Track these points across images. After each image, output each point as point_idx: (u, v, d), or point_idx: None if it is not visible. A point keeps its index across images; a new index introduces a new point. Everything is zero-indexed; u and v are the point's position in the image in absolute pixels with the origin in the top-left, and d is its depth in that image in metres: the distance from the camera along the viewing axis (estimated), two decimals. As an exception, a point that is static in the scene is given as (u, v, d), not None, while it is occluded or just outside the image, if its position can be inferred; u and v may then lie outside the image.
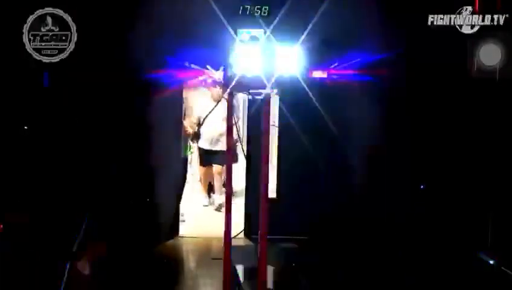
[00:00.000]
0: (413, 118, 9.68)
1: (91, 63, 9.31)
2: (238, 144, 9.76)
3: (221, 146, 10.37)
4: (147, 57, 9.36)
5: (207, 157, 10.68)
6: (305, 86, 9.05)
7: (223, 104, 10.05)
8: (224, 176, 10.37)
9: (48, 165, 9.17)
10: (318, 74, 9.47)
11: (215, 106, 10.44)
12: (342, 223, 9.69)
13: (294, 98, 9.56)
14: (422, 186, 9.56)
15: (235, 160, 10.22)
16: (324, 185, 9.88)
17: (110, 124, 9.43)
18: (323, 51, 9.43)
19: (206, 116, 10.51)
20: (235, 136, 7.15)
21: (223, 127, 8.72)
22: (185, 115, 10.50)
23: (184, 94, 10.40)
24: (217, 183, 10.75)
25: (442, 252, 9.02)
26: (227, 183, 7.06)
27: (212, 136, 10.53)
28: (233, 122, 6.97)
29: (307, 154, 9.80)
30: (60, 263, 7.52)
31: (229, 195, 6.89)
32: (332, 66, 9.39)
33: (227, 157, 6.96)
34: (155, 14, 9.52)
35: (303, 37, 7.38)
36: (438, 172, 9.61)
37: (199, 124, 10.56)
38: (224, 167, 10.37)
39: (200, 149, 10.75)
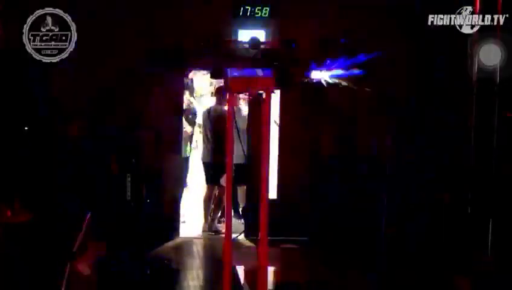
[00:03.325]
0: (414, 118, 9.68)
1: (91, 62, 9.33)
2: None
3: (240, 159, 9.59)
4: (148, 57, 9.37)
5: (214, 174, 9.99)
6: (306, 85, 9.04)
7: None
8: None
9: (48, 165, 9.16)
10: (318, 75, 9.45)
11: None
12: (343, 224, 9.70)
13: (295, 97, 9.57)
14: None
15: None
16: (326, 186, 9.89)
17: (109, 124, 9.43)
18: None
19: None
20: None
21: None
22: (185, 114, 10.50)
23: (185, 94, 10.41)
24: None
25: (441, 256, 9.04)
26: (227, 185, 7.01)
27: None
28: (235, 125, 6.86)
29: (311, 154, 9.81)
30: (60, 263, 7.51)
31: (230, 196, 6.87)
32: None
33: (227, 158, 6.90)
34: (154, 14, 9.53)
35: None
36: (437, 171, 9.62)
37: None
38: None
39: (205, 164, 10.27)
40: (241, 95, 9.73)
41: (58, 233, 8.10)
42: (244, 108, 10.04)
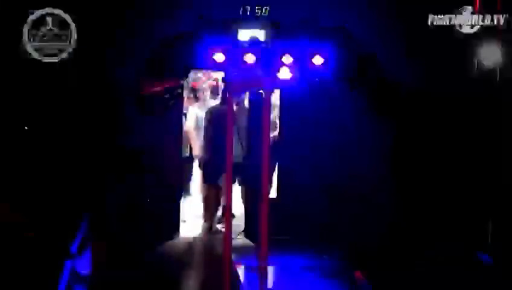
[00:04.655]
0: (415, 118, 9.68)
1: (91, 63, 9.33)
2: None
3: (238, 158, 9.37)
4: (147, 57, 9.38)
5: (213, 174, 9.99)
6: (306, 85, 9.06)
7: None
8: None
9: (48, 164, 9.17)
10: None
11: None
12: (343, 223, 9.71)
13: (295, 97, 9.57)
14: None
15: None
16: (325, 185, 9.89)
17: (110, 124, 9.44)
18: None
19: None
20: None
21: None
22: (185, 115, 10.50)
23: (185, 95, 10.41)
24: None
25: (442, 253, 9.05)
26: (227, 184, 7.01)
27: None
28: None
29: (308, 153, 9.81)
30: (60, 263, 7.51)
31: (229, 195, 6.88)
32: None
33: (227, 158, 6.91)
34: (155, 15, 9.54)
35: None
36: (437, 172, 9.62)
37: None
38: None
39: (204, 164, 10.28)
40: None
41: (57, 233, 8.11)
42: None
